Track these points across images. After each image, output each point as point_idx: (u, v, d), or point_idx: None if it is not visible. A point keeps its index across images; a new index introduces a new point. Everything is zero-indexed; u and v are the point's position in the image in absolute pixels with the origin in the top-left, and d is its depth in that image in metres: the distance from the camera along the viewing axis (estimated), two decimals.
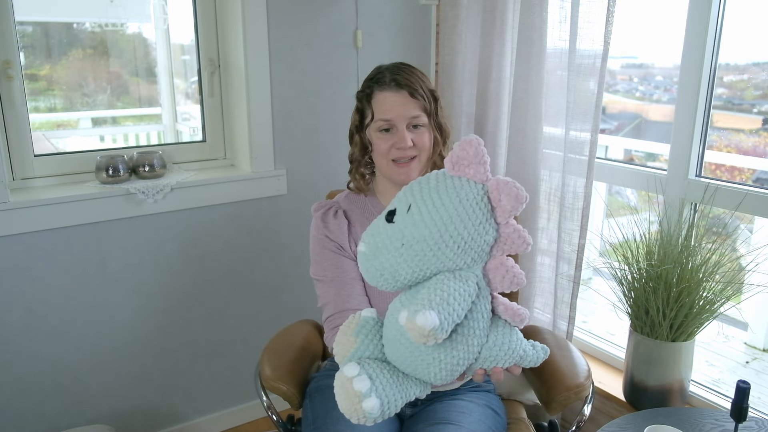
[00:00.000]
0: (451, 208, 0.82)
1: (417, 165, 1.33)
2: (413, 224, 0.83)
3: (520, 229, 0.85)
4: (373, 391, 0.84)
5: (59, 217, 1.71)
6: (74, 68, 1.97)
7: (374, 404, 0.84)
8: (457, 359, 0.87)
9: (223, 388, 2.13)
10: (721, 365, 2.48)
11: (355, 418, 0.86)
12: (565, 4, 1.67)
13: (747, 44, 2.32)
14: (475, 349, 0.88)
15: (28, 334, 1.75)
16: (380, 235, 0.86)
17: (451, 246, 0.83)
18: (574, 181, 1.73)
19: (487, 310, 0.89)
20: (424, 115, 1.32)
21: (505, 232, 0.85)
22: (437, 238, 0.82)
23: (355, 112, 1.39)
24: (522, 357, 0.94)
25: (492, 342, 0.90)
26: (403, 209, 0.85)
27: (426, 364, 0.87)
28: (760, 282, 1.51)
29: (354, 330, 0.92)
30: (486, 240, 0.85)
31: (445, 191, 0.84)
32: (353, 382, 0.84)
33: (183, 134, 2.22)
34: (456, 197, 0.83)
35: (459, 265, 0.85)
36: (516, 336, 0.92)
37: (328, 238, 1.36)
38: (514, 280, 0.86)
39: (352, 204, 1.42)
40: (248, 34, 1.87)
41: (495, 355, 0.90)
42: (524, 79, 1.79)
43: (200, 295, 2.01)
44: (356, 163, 1.42)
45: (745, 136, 3.15)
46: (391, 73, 1.32)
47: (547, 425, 1.45)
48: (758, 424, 1.30)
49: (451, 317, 0.80)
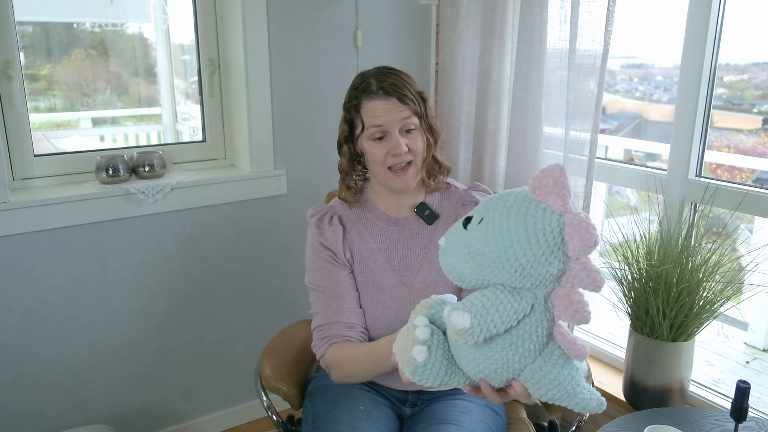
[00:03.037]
0: (514, 233, 0.82)
1: (413, 171, 1.30)
2: (478, 238, 0.85)
3: (592, 268, 0.82)
4: (427, 344, 0.90)
5: (59, 217, 1.71)
6: (74, 68, 1.97)
7: (422, 352, 0.90)
8: (494, 368, 0.89)
9: (223, 388, 2.13)
10: (721, 365, 2.48)
11: (401, 359, 0.92)
12: (565, 4, 1.67)
13: (747, 44, 2.32)
14: (517, 366, 0.88)
15: (28, 334, 1.75)
16: (454, 237, 0.89)
17: (508, 268, 0.83)
18: (574, 181, 1.73)
19: (541, 334, 0.87)
20: (415, 118, 1.28)
21: (575, 268, 0.82)
22: (495, 257, 0.83)
23: (343, 123, 1.35)
24: (570, 395, 0.89)
25: (539, 365, 0.88)
26: (476, 219, 0.87)
27: (467, 360, 0.91)
28: (760, 282, 1.50)
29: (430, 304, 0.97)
30: (549, 270, 0.83)
31: (515, 214, 0.83)
32: (417, 329, 0.91)
33: (183, 134, 2.22)
34: (523, 223, 0.82)
35: (519, 285, 0.85)
36: (570, 371, 0.89)
37: (323, 246, 1.35)
38: (576, 315, 0.83)
39: (347, 210, 1.40)
40: (248, 34, 1.87)
41: (539, 378, 0.89)
42: (524, 79, 1.79)
43: (200, 295, 2.01)
44: (344, 174, 1.39)
45: (745, 136, 3.15)
46: (377, 81, 1.28)
47: (547, 425, 1.45)
48: (758, 424, 1.30)
49: (487, 325, 0.82)
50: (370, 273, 1.34)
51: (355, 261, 1.36)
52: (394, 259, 1.35)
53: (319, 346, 1.31)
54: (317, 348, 1.32)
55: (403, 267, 1.35)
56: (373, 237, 1.37)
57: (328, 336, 1.30)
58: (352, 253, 1.36)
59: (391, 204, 1.38)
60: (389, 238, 1.37)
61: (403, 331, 0.95)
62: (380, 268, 1.34)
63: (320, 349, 1.31)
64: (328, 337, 1.30)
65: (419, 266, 1.35)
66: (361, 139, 1.31)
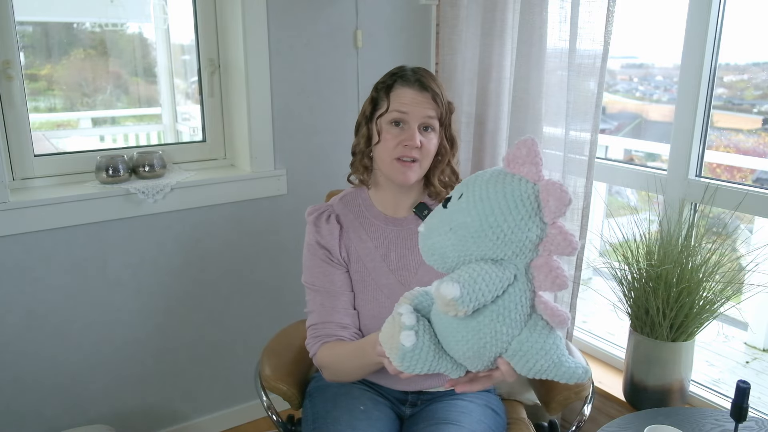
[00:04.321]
0: (494, 201, 0.86)
1: (417, 169, 1.31)
2: (459, 211, 0.88)
3: (567, 232, 0.86)
4: (414, 329, 0.91)
5: (59, 217, 1.71)
6: (74, 68, 1.97)
7: (410, 337, 0.91)
8: (483, 342, 0.90)
9: (223, 388, 2.13)
10: (721, 365, 2.48)
11: (389, 348, 0.93)
12: (565, 4, 1.67)
13: (747, 44, 2.32)
14: (505, 338, 0.90)
15: (28, 334, 1.75)
16: (435, 218, 0.92)
17: (490, 236, 0.86)
18: (574, 181, 1.73)
19: (525, 304, 0.90)
20: (437, 121, 1.31)
21: (551, 233, 0.86)
22: (477, 226, 0.86)
23: (368, 103, 1.36)
24: (557, 364, 0.92)
25: (525, 337, 0.91)
26: (456, 196, 0.90)
27: (455, 341, 0.91)
28: (760, 282, 1.50)
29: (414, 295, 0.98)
30: (528, 236, 0.87)
31: (493, 185, 0.88)
32: (402, 315, 0.92)
33: (183, 134, 2.22)
34: (502, 191, 0.87)
35: (500, 255, 0.88)
36: (555, 341, 0.92)
37: (319, 245, 1.35)
38: (556, 281, 0.87)
39: (346, 208, 1.40)
40: (248, 34, 1.87)
41: (526, 350, 0.91)
42: (524, 79, 1.79)
43: (200, 295, 2.01)
44: (360, 155, 1.38)
45: (745, 136, 3.15)
46: (414, 74, 1.31)
47: (547, 425, 1.45)
48: (758, 424, 1.30)
49: (475, 294, 0.84)
50: (367, 272, 1.34)
51: (352, 260, 1.36)
52: (391, 258, 1.35)
53: (311, 345, 1.32)
54: (310, 346, 1.33)
55: (401, 267, 1.35)
56: (371, 236, 1.37)
57: (321, 335, 1.31)
58: (348, 253, 1.36)
59: (390, 203, 1.38)
60: (387, 237, 1.37)
61: (389, 320, 0.95)
62: (377, 268, 1.34)
63: (313, 347, 1.32)
64: (321, 336, 1.31)
65: (417, 266, 1.35)
66: (381, 120, 1.32)
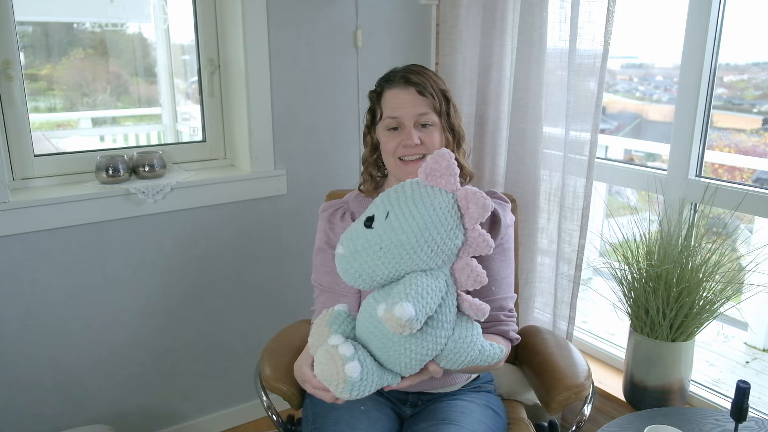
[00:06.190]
0: (426, 216, 0.91)
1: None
2: (392, 230, 0.92)
3: (484, 233, 0.95)
4: (356, 357, 0.92)
5: (59, 217, 1.71)
6: (74, 68, 1.97)
7: (356, 368, 0.91)
8: (426, 349, 0.95)
9: (223, 388, 2.13)
10: (721, 365, 2.48)
11: (334, 383, 0.92)
12: (565, 4, 1.67)
13: (747, 44, 2.31)
14: (442, 341, 0.97)
15: (28, 335, 1.75)
16: (359, 240, 0.94)
17: (425, 250, 0.92)
18: (574, 181, 1.73)
19: (454, 305, 0.97)
20: (433, 114, 1.30)
21: (472, 236, 0.94)
22: (413, 243, 0.91)
23: (367, 112, 1.39)
24: (481, 351, 1.01)
25: (457, 335, 0.98)
26: (381, 216, 0.93)
27: (398, 354, 0.95)
28: (760, 282, 1.50)
29: (328, 321, 1.00)
30: (455, 243, 0.94)
31: (420, 200, 0.93)
32: (339, 347, 0.92)
33: (183, 134, 2.22)
34: (430, 206, 0.92)
35: (431, 266, 0.94)
36: (476, 331, 1.01)
37: (328, 245, 1.36)
38: (477, 278, 0.95)
39: (361, 206, 1.40)
40: (248, 34, 1.87)
41: (459, 347, 0.98)
42: (524, 79, 1.79)
43: (200, 295, 2.01)
44: (366, 164, 1.41)
45: (745, 136, 3.15)
46: (401, 72, 1.32)
47: (547, 425, 1.45)
48: (758, 424, 1.30)
49: (425, 309, 0.89)
50: None
51: None
52: None
53: None
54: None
55: None
56: None
57: None
58: None
59: None
60: None
61: (323, 356, 0.94)
62: None
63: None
64: None
65: None
66: (378, 128, 1.34)
